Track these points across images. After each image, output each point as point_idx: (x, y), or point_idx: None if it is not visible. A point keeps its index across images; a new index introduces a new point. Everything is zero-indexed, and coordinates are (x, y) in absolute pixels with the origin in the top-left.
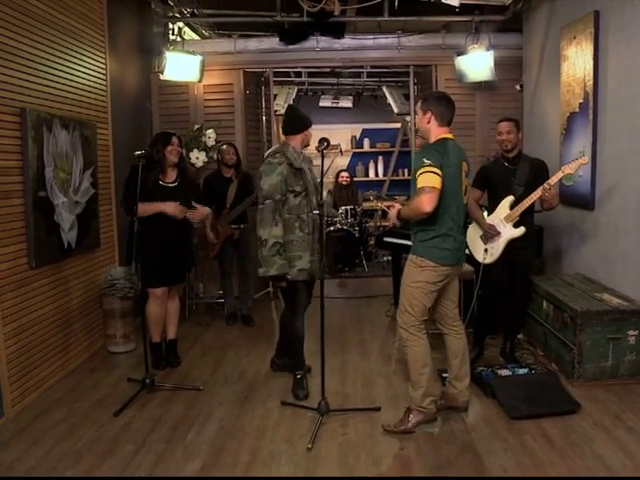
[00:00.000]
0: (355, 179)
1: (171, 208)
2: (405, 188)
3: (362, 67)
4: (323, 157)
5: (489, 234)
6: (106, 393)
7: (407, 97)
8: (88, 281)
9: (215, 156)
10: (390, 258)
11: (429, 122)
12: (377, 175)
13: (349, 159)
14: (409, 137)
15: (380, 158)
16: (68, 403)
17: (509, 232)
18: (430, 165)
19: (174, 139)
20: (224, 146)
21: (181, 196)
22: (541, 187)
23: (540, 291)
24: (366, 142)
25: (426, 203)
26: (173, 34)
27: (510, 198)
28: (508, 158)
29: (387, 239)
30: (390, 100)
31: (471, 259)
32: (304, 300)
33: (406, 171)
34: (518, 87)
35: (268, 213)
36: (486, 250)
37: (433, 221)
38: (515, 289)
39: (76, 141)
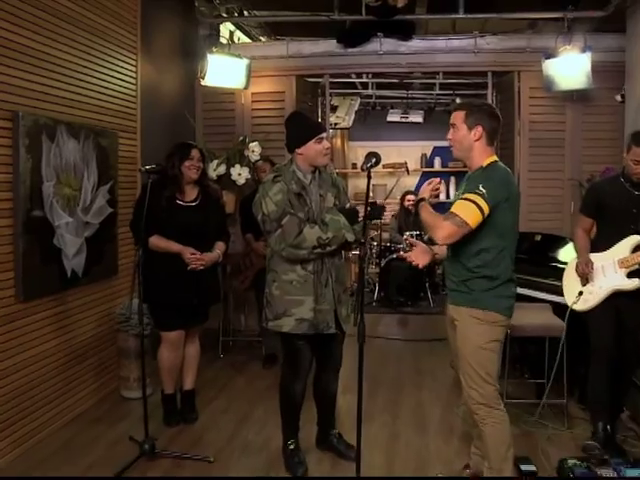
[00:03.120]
0: None
1: (187, 252)
2: None
3: (433, 76)
4: (369, 178)
5: (581, 271)
6: (100, 455)
7: None
8: (101, 314)
9: (254, 174)
10: None
11: (478, 140)
12: (448, 197)
13: (418, 179)
14: None
15: (452, 179)
16: (53, 466)
17: (618, 281)
18: (482, 196)
19: (194, 152)
20: (260, 161)
21: (202, 217)
22: None
23: None
24: (437, 161)
25: (444, 235)
26: (222, 37)
27: (636, 239)
28: (631, 180)
29: None
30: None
31: (559, 308)
32: (305, 362)
33: None
34: (619, 98)
35: (293, 227)
36: (581, 293)
37: (494, 265)
38: (622, 353)
39: (89, 152)
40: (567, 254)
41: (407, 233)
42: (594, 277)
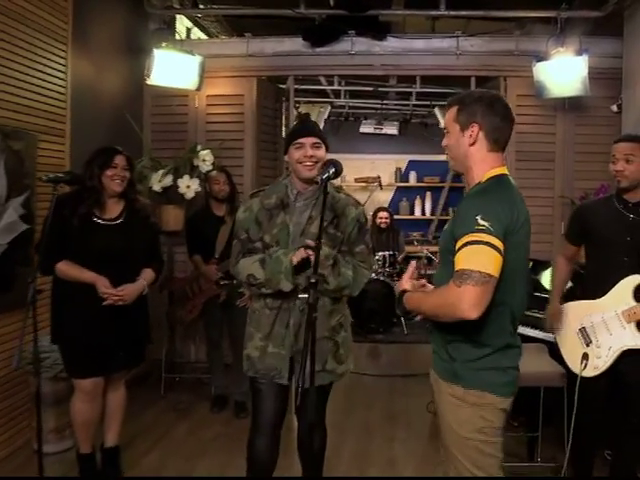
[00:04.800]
0: (398, 217)
1: (101, 285)
2: None
3: (410, 84)
4: (326, 194)
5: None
6: None
7: None
8: (11, 352)
9: (204, 186)
10: None
11: (474, 143)
12: (424, 213)
13: (392, 194)
14: None
15: (428, 194)
16: None
17: (630, 339)
18: (487, 231)
19: (118, 159)
20: (213, 172)
21: (126, 239)
22: None
23: None
24: (412, 175)
25: (470, 304)
26: (178, 33)
27: (636, 279)
28: (627, 202)
29: None
30: (443, 124)
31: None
32: (267, 411)
33: None
34: (615, 108)
35: (234, 253)
36: (585, 356)
37: (484, 326)
38: (626, 414)
39: None
40: None
41: (380, 253)
42: (597, 334)
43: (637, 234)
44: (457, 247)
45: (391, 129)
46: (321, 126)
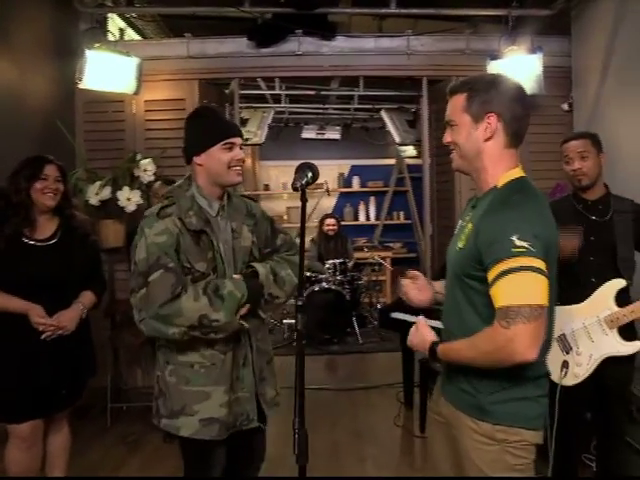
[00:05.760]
0: (342, 223)
1: (35, 315)
2: (401, 233)
3: (352, 88)
4: (304, 201)
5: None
6: None
7: (411, 124)
8: None
9: (146, 198)
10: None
11: (491, 137)
12: (368, 219)
13: (336, 200)
14: (405, 175)
15: (372, 199)
16: None
17: (612, 346)
18: (527, 253)
19: (48, 169)
20: (156, 184)
21: (62, 261)
22: None
23: None
24: (355, 180)
25: (526, 345)
26: (110, 33)
27: (618, 283)
28: (586, 201)
29: (397, 316)
30: (390, 127)
31: None
32: (216, 472)
33: (402, 214)
34: (565, 106)
35: (163, 288)
36: (565, 364)
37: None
38: (606, 418)
39: None
40: None
41: (329, 261)
42: (578, 341)
43: (601, 233)
44: (491, 277)
45: (333, 134)
46: (264, 132)
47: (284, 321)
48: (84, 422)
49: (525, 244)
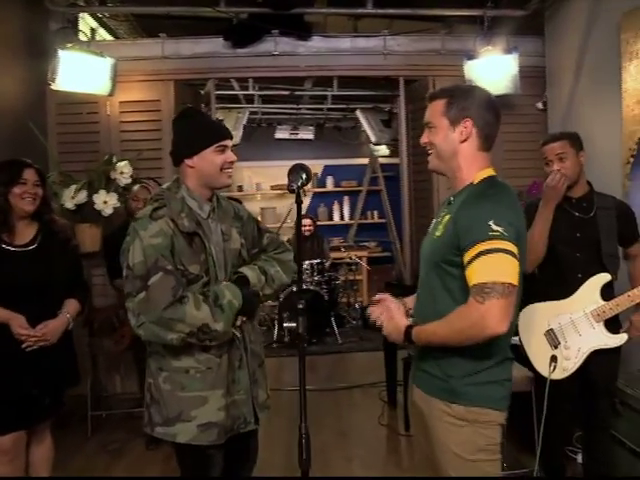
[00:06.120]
0: (317, 223)
1: (16, 325)
2: (375, 232)
3: (325, 88)
4: (300, 203)
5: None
6: None
7: (386, 123)
8: None
9: (124, 202)
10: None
11: (466, 140)
12: (342, 218)
13: (310, 200)
14: (379, 174)
15: (345, 199)
16: None
17: (600, 339)
18: (501, 237)
19: (27, 174)
20: (135, 187)
21: (43, 268)
22: None
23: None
24: (329, 180)
25: (498, 319)
26: (82, 32)
27: (603, 277)
28: (570, 199)
29: None
30: (366, 127)
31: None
32: (215, 474)
33: (376, 213)
34: (540, 105)
35: (164, 291)
36: (554, 358)
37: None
38: (592, 410)
39: None
40: None
41: (306, 262)
42: (566, 335)
43: (586, 229)
44: (468, 258)
45: (307, 134)
46: (240, 133)
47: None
48: (65, 431)
49: (500, 229)
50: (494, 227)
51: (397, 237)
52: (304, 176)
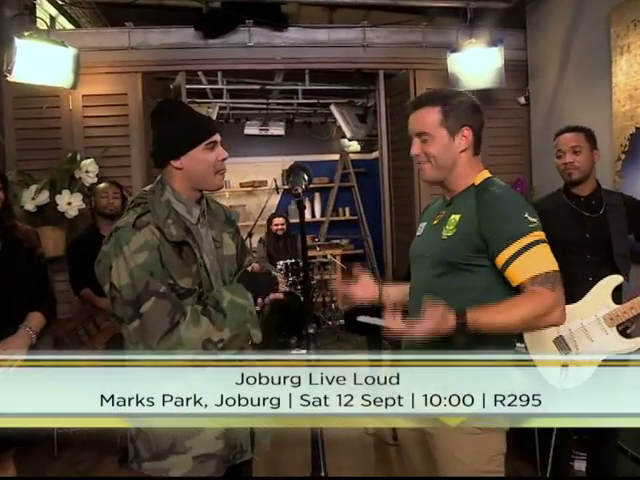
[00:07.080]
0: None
1: None
2: (347, 229)
3: (297, 82)
4: (302, 208)
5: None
6: None
7: (361, 118)
8: None
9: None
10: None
11: (465, 150)
12: (314, 215)
13: (279, 198)
14: (350, 170)
15: (317, 195)
16: None
17: (614, 345)
18: (539, 227)
19: None
20: (101, 185)
21: (5, 279)
22: None
23: None
24: None
25: (557, 306)
26: (40, 19)
27: (615, 279)
28: (578, 197)
29: (364, 319)
30: (341, 122)
31: None
32: None
33: (347, 210)
34: (522, 100)
35: (160, 319)
36: (565, 366)
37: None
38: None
39: None
40: None
41: (281, 262)
42: (577, 342)
43: (595, 229)
44: (511, 253)
45: (277, 130)
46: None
47: None
48: (28, 454)
49: (535, 220)
50: (530, 219)
51: (369, 234)
52: (306, 177)
